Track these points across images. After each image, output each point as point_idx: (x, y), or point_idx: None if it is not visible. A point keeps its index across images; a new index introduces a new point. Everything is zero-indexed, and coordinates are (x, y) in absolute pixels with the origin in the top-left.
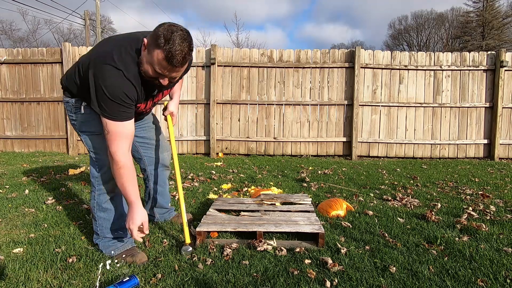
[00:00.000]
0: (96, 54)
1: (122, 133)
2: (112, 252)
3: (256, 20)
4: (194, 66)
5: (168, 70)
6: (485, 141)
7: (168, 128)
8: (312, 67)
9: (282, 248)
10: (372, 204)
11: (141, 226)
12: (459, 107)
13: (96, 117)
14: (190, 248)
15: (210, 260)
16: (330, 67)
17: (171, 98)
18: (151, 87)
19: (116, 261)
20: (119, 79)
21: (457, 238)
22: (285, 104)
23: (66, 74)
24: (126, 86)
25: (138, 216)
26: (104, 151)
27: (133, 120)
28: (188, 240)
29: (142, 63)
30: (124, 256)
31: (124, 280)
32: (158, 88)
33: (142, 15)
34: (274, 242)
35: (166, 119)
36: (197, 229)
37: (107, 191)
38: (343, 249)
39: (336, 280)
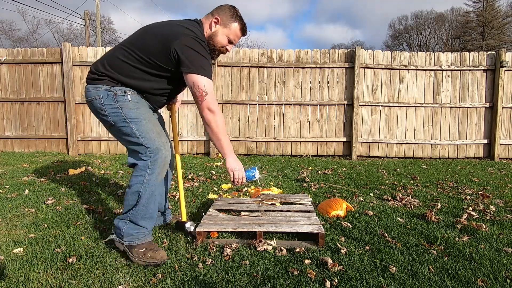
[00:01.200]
0: (177, 31)
1: (213, 91)
2: (133, 241)
3: (257, 21)
4: None
5: (238, 38)
6: (485, 141)
7: (171, 121)
8: (312, 67)
9: (282, 248)
10: (372, 204)
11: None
12: (459, 107)
13: (144, 104)
14: (191, 221)
15: (210, 260)
16: (330, 67)
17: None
18: None
19: (136, 254)
20: (206, 48)
21: (457, 238)
22: (285, 104)
23: (106, 61)
24: (208, 54)
25: (239, 163)
26: (154, 136)
27: None
28: (184, 218)
29: (216, 35)
30: (145, 249)
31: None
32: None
33: (142, 16)
34: (274, 242)
35: (169, 109)
36: (197, 229)
37: (158, 177)
38: (343, 249)
39: (336, 280)
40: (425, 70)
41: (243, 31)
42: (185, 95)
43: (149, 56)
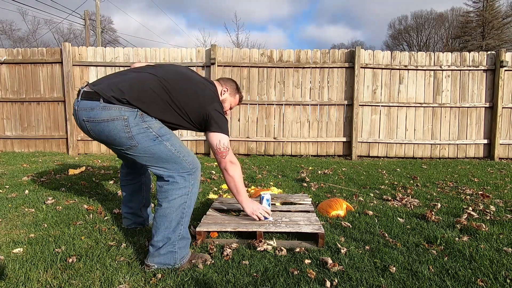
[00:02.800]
0: (211, 95)
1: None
2: (184, 259)
3: (257, 21)
4: (194, 66)
5: (235, 106)
6: (485, 141)
7: None
8: (312, 67)
9: (282, 248)
10: (372, 204)
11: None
12: (459, 107)
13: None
14: None
15: (210, 260)
16: (330, 67)
17: None
18: None
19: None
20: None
21: (457, 238)
22: (285, 104)
23: (138, 93)
24: None
25: (255, 202)
26: (186, 148)
27: None
28: None
29: (225, 101)
30: (189, 261)
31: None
32: None
33: (143, 16)
34: (274, 242)
35: None
36: (197, 229)
37: (199, 185)
38: (343, 249)
39: (336, 280)
40: (425, 70)
41: (240, 100)
42: None
43: (185, 108)
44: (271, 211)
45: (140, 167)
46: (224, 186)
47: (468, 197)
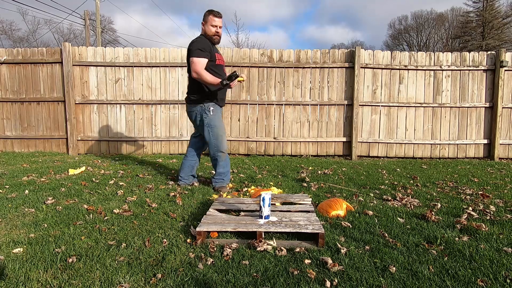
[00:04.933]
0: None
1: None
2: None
3: (258, 22)
4: None
5: (217, 22)
6: (485, 141)
7: None
8: (312, 67)
9: (282, 248)
10: (372, 204)
11: None
12: (459, 107)
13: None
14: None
15: (210, 260)
16: (330, 67)
17: None
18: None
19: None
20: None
21: (457, 238)
22: (285, 104)
23: (197, 88)
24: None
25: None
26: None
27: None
28: None
29: (205, 30)
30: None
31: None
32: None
33: (146, 17)
34: (274, 242)
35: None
36: (197, 229)
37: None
38: (343, 249)
39: (336, 280)
40: (425, 70)
41: (215, 15)
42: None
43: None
44: (271, 211)
45: (203, 143)
46: None
47: (468, 197)
